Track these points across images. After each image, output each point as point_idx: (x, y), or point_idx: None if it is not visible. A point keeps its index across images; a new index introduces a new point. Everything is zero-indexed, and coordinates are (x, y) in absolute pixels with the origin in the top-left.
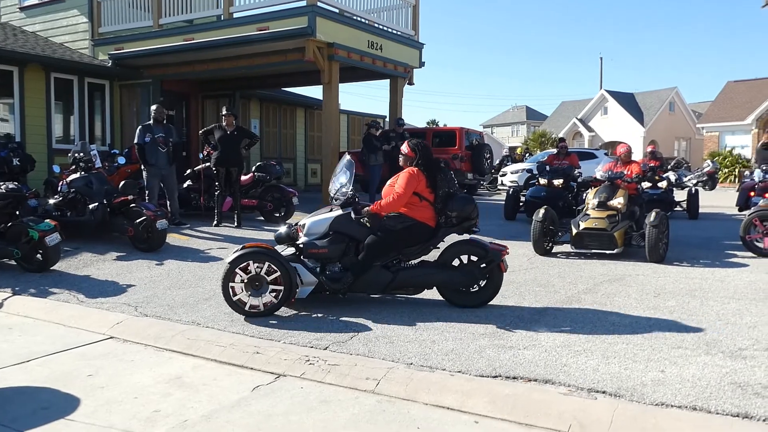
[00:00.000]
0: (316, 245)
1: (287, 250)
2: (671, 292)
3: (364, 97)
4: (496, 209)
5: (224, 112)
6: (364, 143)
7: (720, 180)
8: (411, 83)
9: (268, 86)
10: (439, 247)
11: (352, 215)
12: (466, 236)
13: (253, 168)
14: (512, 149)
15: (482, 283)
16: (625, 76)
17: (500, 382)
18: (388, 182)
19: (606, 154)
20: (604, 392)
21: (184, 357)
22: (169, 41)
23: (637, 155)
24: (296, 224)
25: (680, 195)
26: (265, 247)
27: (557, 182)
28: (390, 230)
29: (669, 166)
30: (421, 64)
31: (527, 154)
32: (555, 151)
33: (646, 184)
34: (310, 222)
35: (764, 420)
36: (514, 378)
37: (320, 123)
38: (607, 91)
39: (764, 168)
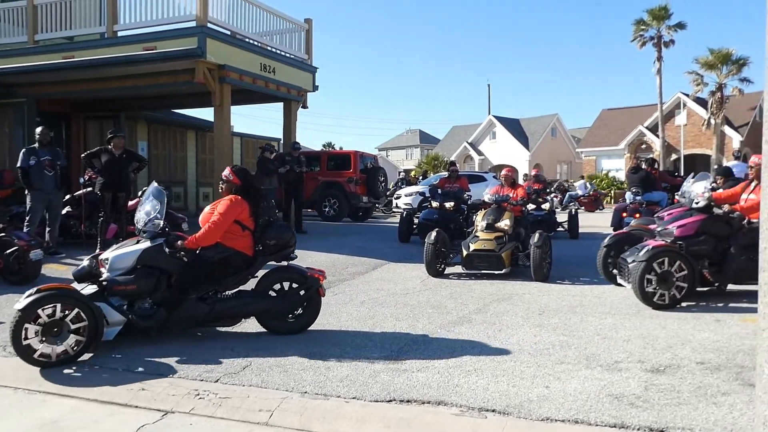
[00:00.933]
0: (121, 281)
1: (88, 288)
2: (554, 309)
3: (259, 120)
4: (391, 232)
5: (112, 134)
6: (258, 167)
7: (593, 200)
8: (305, 107)
9: (157, 107)
10: (256, 276)
11: (165, 248)
12: (284, 263)
13: (140, 193)
14: (407, 172)
15: (301, 310)
16: (511, 102)
17: (394, 406)
18: (206, 209)
19: (495, 176)
20: (494, 411)
21: (60, 399)
22: (47, 58)
23: (520, 176)
24: (97, 258)
25: (561, 216)
26: (61, 287)
27: (448, 205)
28: (206, 261)
29: (554, 188)
30: (315, 88)
31: (420, 178)
32: (446, 174)
33: (531, 206)
34: (114, 256)
35: (638, 429)
36: (408, 401)
37: (212, 145)
38: (494, 116)
39: (634, 191)
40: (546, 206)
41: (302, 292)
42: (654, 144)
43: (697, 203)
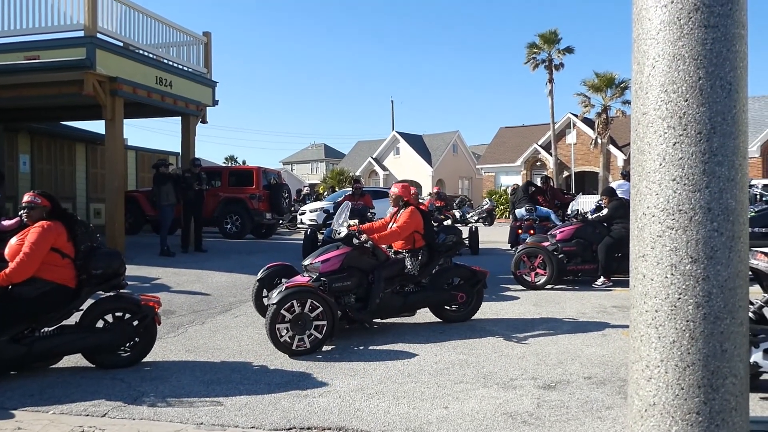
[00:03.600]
0: None
1: None
2: (455, 327)
3: (157, 132)
4: (296, 249)
5: None
6: (154, 183)
7: (497, 216)
8: (204, 121)
9: (43, 119)
10: (82, 309)
11: None
12: (112, 292)
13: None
14: (312, 186)
15: (137, 339)
16: (415, 118)
17: None
18: (13, 241)
19: None
20: None
21: None
22: None
23: (425, 192)
24: None
25: (463, 231)
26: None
27: (352, 222)
28: (22, 299)
29: (455, 203)
30: (215, 103)
31: (326, 194)
32: (350, 190)
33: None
34: None
35: None
36: (308, 428)
37: (104, 159)
38: (398, 132)
39: (527, 207)
40: (448, 222)
41: (136, 323)
42: (548, 161)
43: (338, 233)
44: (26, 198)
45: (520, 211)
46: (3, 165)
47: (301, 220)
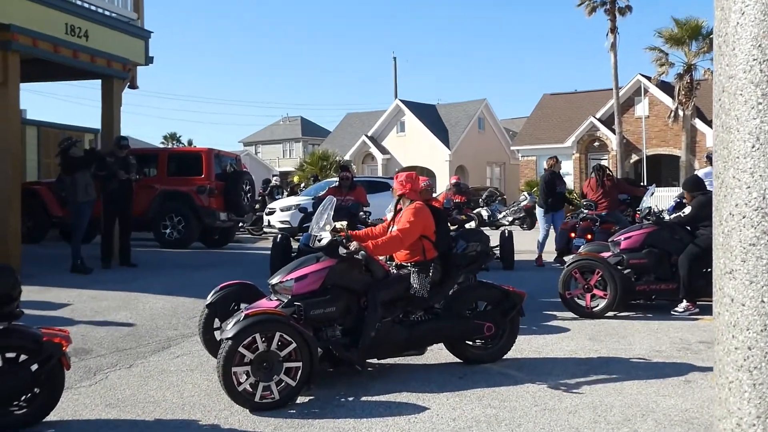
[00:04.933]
0: None
1: None
2: (481, 371)
3: (69, 101)
4: (261, 262)
5: None
6: (62, 170)
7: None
8: (134, 86)
9: None
10: None
11: None
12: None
13: None
14: (284, 176)
15: (37, 390)
16: (425, 85)
17: None
18: None
19: None
20: None
21: None
22: None
23: (441, 183)
24: None
25: (492, 237)
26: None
27: (339, 225)
28: None
29: (481, 199)
30: (149, 61)
31: (302, 185)
32: (337, 182)
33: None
34: None
35: None
36: None
37: None
38: (402, 101)
39: (585, 203)
40: (471, 225)
41: (35, 366)
42: (609, 141)
43: (319, 240)
44: None
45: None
46: None
47: (269, 222)
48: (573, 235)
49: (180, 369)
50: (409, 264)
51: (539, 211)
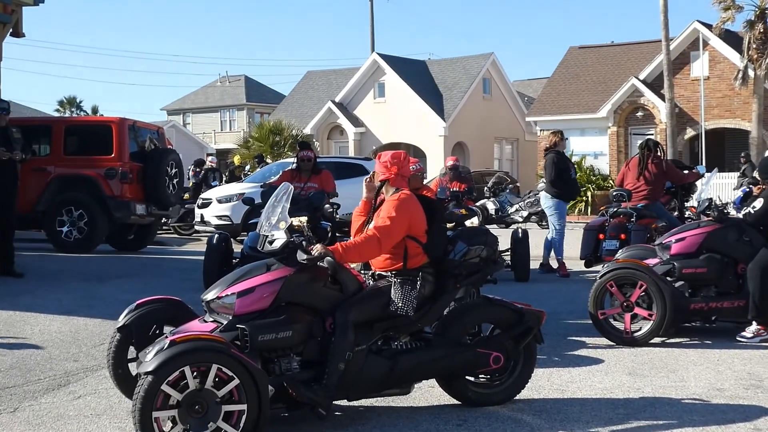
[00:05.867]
0: None
1: None
2: (485, 415)
3: None
4: (193, 270)
5: None
6: None
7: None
8: (18, 34)
9: None
10: None
11: None
12: None
13: None
14: (223, 155)
15: None
16: (412, 38)
17: None
18: None
19: None
20: None
21: None
22: None
23: (433, 166)
24: None
25: (501, 238)
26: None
27: (297, 222)
28: None
29: (487, 187)
30: (38, 0)
31: (248, 168)
32: (294, 164)
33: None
34: None
35: None
36: None
37: None
38: (382, 56)
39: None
40: (474, 222)
41: None
42: (657, 110)
43: (271, 242)
44: None
45: (542, 185)
46: None
47: (202, 217)
48: (602, 236)
49: (82, 413)
50: (390, 272)
51: (548, 202)
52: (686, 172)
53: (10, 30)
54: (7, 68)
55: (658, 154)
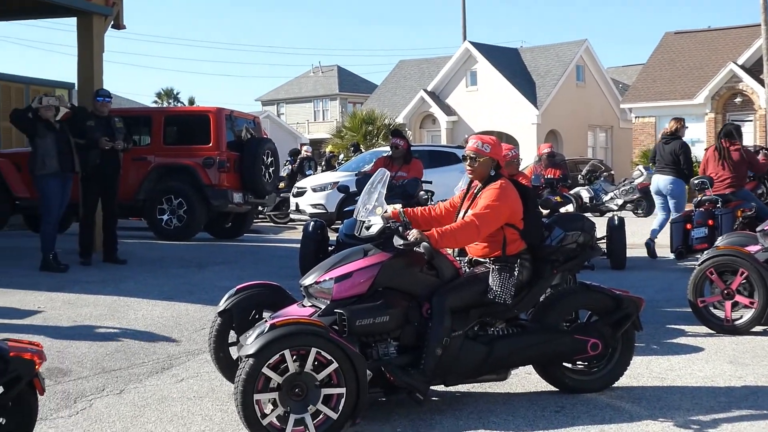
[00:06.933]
0: None
1: None
2: (584, 402)
3: (35, 46)
4: (289, 257)
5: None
6: (30, 138)
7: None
8: (119, 26)
9: None
10: None
11: None
12: None
13: None
14: (316, 144)
15: (2, 421)
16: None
17: None
18: None
19: None
20: None
21: None
22: None
23: (527, 154)
24: None
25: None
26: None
27: (391, 208)
28: None
29: (581, 175)
30: None
31: (341, 156)
32: (388, 151)
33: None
34: None
35: None
36: None
37: None
38: (474, 44)
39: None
40: (568, 209)
41: (0, 389)
42: (756, 96)
43: (367, 228)
44: None
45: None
46: None
47: (297, 205)
48: (689, 226)
49: (185, 396)
50: (487, 259)
51: (678, 186)
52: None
53: (111, 22)
54: (107, 60)
55: (736, 140)
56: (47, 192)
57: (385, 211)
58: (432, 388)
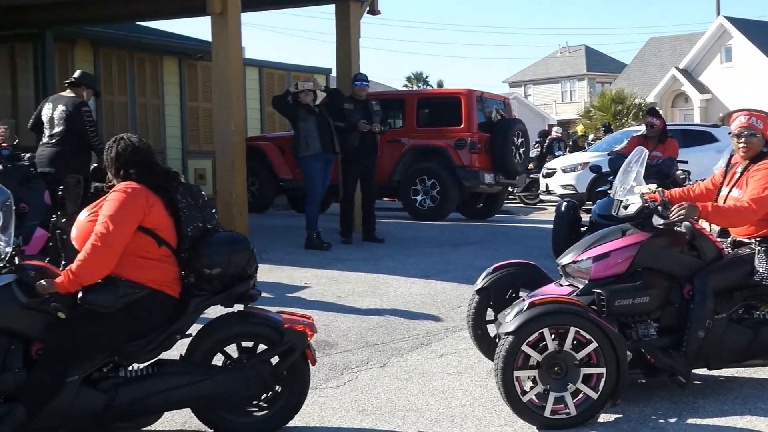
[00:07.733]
0: None
1: None
2: None
3: (293, 34)
4: (540, 238)
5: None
6: (290, 119)
7: None
8: (374, 11)
9: (111, 18)
10: (190, 334)
11: (19, 294)
12: (237, 308)
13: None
14: (565, 125)
15: (278, 388)
16: None
17: None
18: (82, 216)
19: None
20: None
21: None
22: None
23: None
24: None
25: None
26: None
27: (647, 189)
28: (98, 315)
29: None
30: None
31: (592, 137)
32: (641, 130)
33: None
34: None
35: None
36: None
37: (208, 84)
38: (729, 18)
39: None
40: None
41: (276, 360)
42: None
43: (625, 207)
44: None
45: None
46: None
47: (547, 186)
48: None
49: (445, 371)
50: (753, 240)
51: None
52: None
53: (367, 8)
54: (362, 46)
55: None
56: (311, 173)
57: (643, 193)
58: (694, 371)
